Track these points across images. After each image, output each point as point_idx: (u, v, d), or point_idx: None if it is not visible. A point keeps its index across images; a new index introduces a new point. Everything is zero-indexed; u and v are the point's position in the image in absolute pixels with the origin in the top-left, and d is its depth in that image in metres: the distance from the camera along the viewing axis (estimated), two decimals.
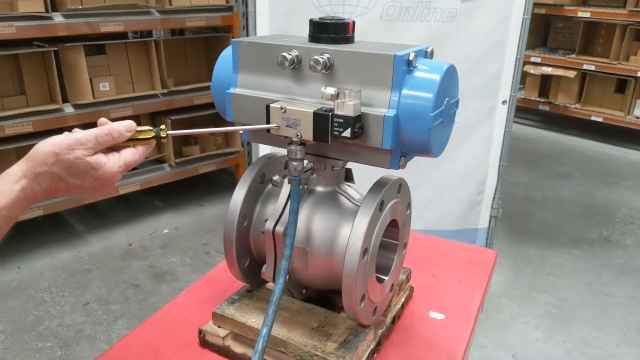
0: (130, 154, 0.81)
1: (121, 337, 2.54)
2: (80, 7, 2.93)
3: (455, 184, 2.77)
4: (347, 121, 0.82)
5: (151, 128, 0.83)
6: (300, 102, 0.89)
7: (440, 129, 0.87)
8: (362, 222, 0.90)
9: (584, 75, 5.36)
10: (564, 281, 3.10)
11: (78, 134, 0.77)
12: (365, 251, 0.90)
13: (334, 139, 0.84)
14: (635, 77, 5.03)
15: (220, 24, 3.49)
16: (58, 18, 2.89)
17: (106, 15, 2.98)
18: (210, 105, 3.69)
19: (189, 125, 3.65)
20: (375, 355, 1.03)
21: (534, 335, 2.64)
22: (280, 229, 0.96)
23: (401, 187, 1.02)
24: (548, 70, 5.35)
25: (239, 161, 3.93)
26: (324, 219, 0.97)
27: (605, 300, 2.95)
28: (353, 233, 0.90)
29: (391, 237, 1.07)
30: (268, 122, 0.88)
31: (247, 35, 3.73)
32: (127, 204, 3.79)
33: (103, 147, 0.78)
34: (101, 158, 0.78)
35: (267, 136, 0.94)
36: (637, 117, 5.15)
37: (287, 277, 0.98)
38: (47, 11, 2.85)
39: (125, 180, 3.40)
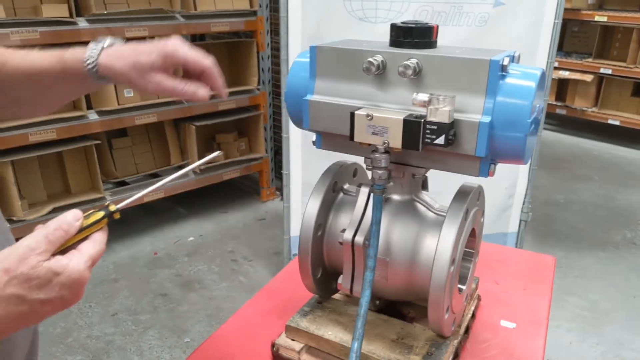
0: (91, 246, 0.66)
1: (152, 348, 2.56)
2: (104, 12, 2.93)
3: (486, 189, 2.74)
4: (442, 128, 0.80)
5: (97, 209, 0.71)
6: (385, 108, 0.87)
7: (531, 135, 0.84)
8: (450, 232, 0.88)
9: (600, 79, 5.33)
10: (593, 284, 3.07)
11: (25, 240, 0.63)
12: (452, 262, 0.88)
13: (425, 147, 0.82)
14: None
15: (243, 28, 3.48)
16: (82, 23, 2.88)
17: (131, 21, 2.97)
18: (234, 111, 3.68)
19: (214, 131, 3.64)
20: None
21: (568, 339, 2.61)
22: (360, 239, 0.93)
23: (480, 194, 1.00)
24: (565, 74, 5.32)
25: (262, 167, 3.91)
26: (404, 229, 0.95)
27: (634, 303, 2.92)
28: (441, 243, 0.87)
29: (467, 245, 1.05)
30: (352, 129, 0.86)
31: (270, 40, 3.72)
32: (150, 212, 3.77)
33: (57, 245, 0.64)
34: (61, 260, 0.63)
35: (346, 144, 0.91)
36: None
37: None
38: (71, 16, 2.84)
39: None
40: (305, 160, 2.73)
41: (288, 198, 2.82)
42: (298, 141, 2.70)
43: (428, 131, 0.81)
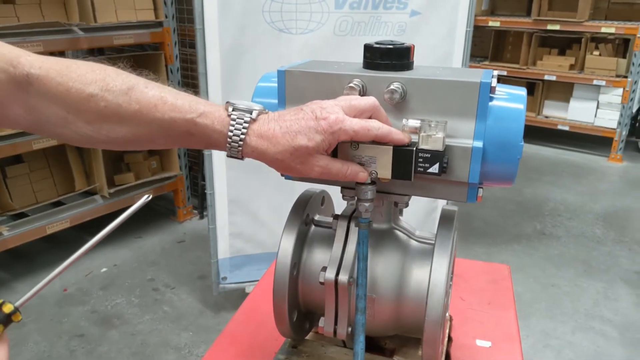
0: None
1: None
2: None
3: None
4: (435, 156, 0.75)
5: None
6: None
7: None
8: (442, 263, 0.83)
9: (497, 80, 5.67)
10: (514, 276, 3.15)
11: None
12: (446, 294, 0.83)
13: (418, 176, 0.76)
14: (543, 80, 5.41)
15: (149, 40, 3.27)
16: None
17: (22, 36, 2.67)
18: None
19: (122, 150, 3.38)
20: None
21: None
22: (343, 278, 0.86)
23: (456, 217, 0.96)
24: None
25: (177, 186, 3.70)
26: (388, 261, 0.89)
27: (553, 291, 3.10)
28: (434, 275, 0.82)
29: None
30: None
31: (178, 52, 3.53)
32: (54, 244, 3.42)
33: None
34: None
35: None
36: (547, 117, 5.54)
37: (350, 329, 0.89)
38: None
39: (53, 218, 3.07)
40: (230, 177, 2.60)
41: (213, 218, 2.67)
42: (222, 157, 2.56)
43: (420, 160, 0.75)
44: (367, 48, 0.83)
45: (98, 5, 2.96)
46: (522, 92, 0.81)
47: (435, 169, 0.75)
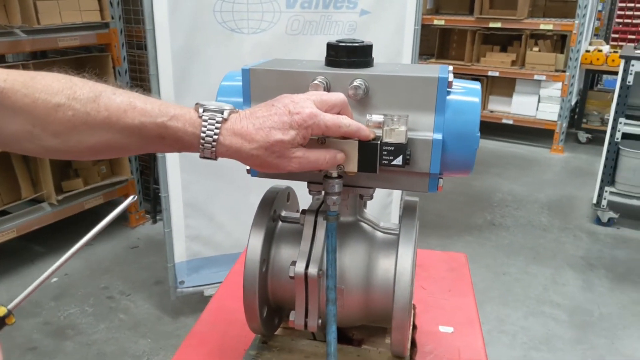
0: None
1: None
2: None
3: None
4: (399, 148, 0.78)
5: None
6: None
7: None
8: (407, 251, 0.86)
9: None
10: None
11: None
12: (412, 281, 0.86)
13: (382, 169, 0.79)
14: (487, 76, 5.60)
15: (96, 42, 3.18)
16: None
17: None
18: None
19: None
20: None
21: None
22: (313, 270, 0.87)
23: (418, 207, 0.99)
24: None
25: (128, 190, 3.62)
26: (355, 253, 0.91)
27: (505, 279, 3.22)
28: (400, 264, 0.85)
29: None
30: None
31: (126, 54, 3.45)
32: (1, 255, 3.28)
33: None
34: None
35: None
36: (492, 111, 5.73)
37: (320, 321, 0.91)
38: None
39: None
40: (185, 179, 2.57)
41: (169, 222, 2.64)
42: (175, 160, 2.53)
43: (385, 153, 0.78)
44: (331, 46, 0.85)
45: (41, 7, 2.86)
46: (476, 86, 0.85)
47: (399, 161, 0.78)
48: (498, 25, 5.38)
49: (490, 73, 5.54)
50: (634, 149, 3.70)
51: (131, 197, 0.80)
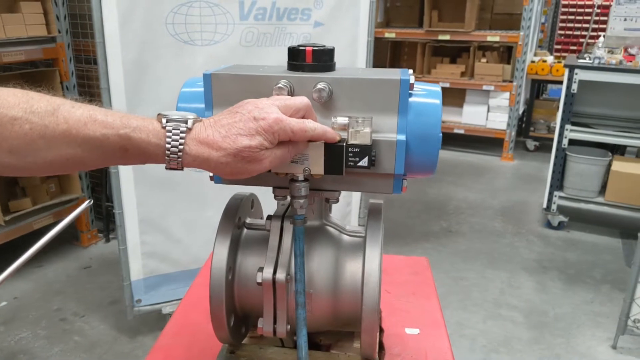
0: None
1: None
2: None
3: None
4: (364, 150, 0.78)
5: None
6: None
7: None
8: (374, 253, 0.86)
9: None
10: None
11: None
12: (379, 283, 0.87)
13: (348, 171, 0.80)
14: None
15: (42, 57, 3.08)
16: None
17: None
18: None
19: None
20: None
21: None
22: (281, 276, 0.87)
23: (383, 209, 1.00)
24: None
25: None
26: (322, 257, 0.91)
27: (463, 284, 3.28)
28: (368, 266, 0.86)
29: None
30: None
31: (74, 68, 3.35)
32: None
33: None
34: None
35: (254, 176, 0.84)
36: (443, 122, 5.86)
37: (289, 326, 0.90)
38: None
39: None
40: (140, 195, 2.51)
41: (124, 239, 2.56)
42: (129, 174, 2.46)
43: (351, 154, 0.79)
44: (293, 50, 0.85)
45: None
46: (437, 88, 0.87)
47: (364, 162, 0.79)
48: (447, 37, 5.54)
49: (441, 84, 5.66)
50: (580, 154, 3.86)
51: (86, 202, 0.76)
